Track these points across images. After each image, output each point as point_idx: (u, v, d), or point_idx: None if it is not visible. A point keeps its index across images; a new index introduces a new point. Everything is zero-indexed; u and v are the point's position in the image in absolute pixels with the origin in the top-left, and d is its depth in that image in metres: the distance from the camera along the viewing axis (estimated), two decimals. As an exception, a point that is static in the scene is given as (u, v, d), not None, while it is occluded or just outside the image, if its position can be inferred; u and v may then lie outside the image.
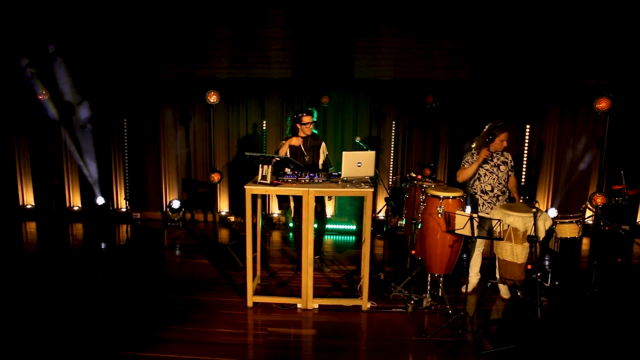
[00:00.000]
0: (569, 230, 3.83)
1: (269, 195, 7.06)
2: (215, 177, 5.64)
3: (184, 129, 7.11)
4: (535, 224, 3.38)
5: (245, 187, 4.05)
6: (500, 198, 4.23)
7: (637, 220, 6.00)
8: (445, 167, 6.85)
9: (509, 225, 3.62)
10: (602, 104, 3.99)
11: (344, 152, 3.99)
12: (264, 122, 6.94)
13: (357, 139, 4.79)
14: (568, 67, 6.43)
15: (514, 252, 3.66)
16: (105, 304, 4.29)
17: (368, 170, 4.08)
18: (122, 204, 7.32)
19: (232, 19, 6.72)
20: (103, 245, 6.10)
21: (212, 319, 4.03)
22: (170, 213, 6.95)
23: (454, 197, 3.90)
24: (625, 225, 5.66)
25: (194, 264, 5.39)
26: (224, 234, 6.68)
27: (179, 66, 6.90)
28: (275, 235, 6.67)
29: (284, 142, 4.87)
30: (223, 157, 7.13)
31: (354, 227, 6.82)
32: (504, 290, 4.46)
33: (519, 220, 3.58)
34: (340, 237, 6.64)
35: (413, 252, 4.04)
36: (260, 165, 4.11)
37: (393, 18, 6.63)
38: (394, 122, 6.74)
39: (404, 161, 6.93)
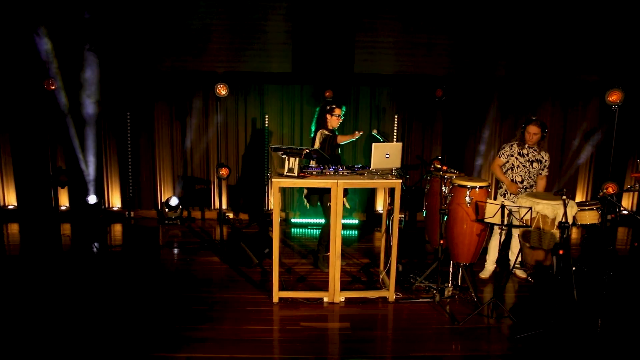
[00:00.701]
0: (589, 217, 3.98)
1: (268, 191, 6.98)
2: (224, 172, 5.51)
3: (179, 124, 6.90)
4: (565, 211, 3.48)
5: (272, 180, 3.96)
6: (527, 190, 4.42)
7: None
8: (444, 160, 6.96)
9: (537, 212, 3.72)
10: (614, 97, 4.17)
11: (374, 144, 3.98)
12: (267, 116, 6.83)
13: (374, 131, 4.80)
14: (563, 64, 6.67)
15: (541, 239, 3.76)
16: (122, 305, 4.10)
17: (395, 161, 4.09)
18: (114, 202, 7.03)
19: (231, 11, 6.57)
20: (103, 246, 5.84)
21: (241, 316, 3.92)
22: (167, 211, 6.72)
23: (481, 187, 3.97)
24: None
25: (203, 262, 5.24)
26: (207, 229, 6.54)
27: (174, 59, 6.68)
28: (278, 231, 6.59)
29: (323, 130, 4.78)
30: (215, 152, 6.95)
31: (355, 221, 6.82)
32: (519, 271, 4.67)
33: (548, 208, 3.68)
34: (343, 231, 6.60)
35: (442, 241, 4.07)
36: (287, 157, 4.04)
37: (393, 13, 6.66)
38: (396, 116, 6.79)
39: (405, 155, 6.99)
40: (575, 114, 6.86)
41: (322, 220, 6.48)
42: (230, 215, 7.02)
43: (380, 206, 7.18)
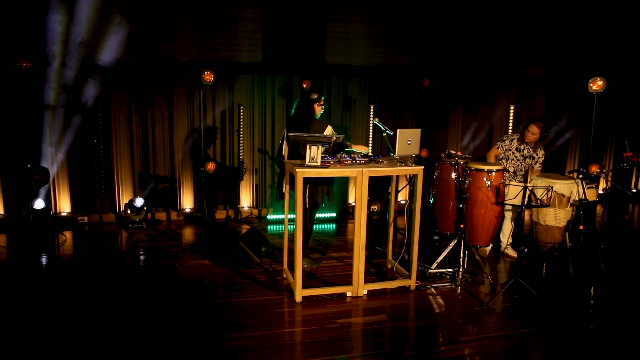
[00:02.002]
0: (588, 194, 4.29)
1: (239, 186, 6.60)
2: (211, 166, 5.05)
3: (139, 117, 6.23)
4: (583, 188, 3.71)
5: (296, 170, 3.71)
6: (516, 179, 4.66)
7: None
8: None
9: (554, 192, 3.92)
10: (596, 86, 4.52)
11: (398, 130, 3.91)
12: (242, 107, 6.42)
13: (376, 120, 4.72)
14: (515, 60, 7.14)
15: (557, 217, 3.98)
16: (132, 322, 3.58)
17: (415, 148, 4.06)
18: (63, 207, 6.15)
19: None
20: (71, 257, 5.07)
21: (269, 320, 3.63)
22: (130, 213, 6.04)
23: (497, 170, 4.08)
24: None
25: (193, 267, 4.78)
26: (188, 233, 6.03)
27: (133, 46, 6.00)
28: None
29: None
30: (184, 148, 6.42)
31: (333, 214, 6.71)
32: (511, 251, 4.90)
33: (564, 187, 3.90)
34: (320, 225, 6.47)
35: (462, 225, 4.12)
36: (308, 146, 3.81)
37: (362, 4, 6.64)
38: (371, 107, 6.78)
39: (376, 146, 7.03)
40: (527, 104, 7.40)
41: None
42: (200, 214, 6.51)
43: (352, 199, 7.14)
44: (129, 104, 6.15)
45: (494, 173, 4.06)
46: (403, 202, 7.16)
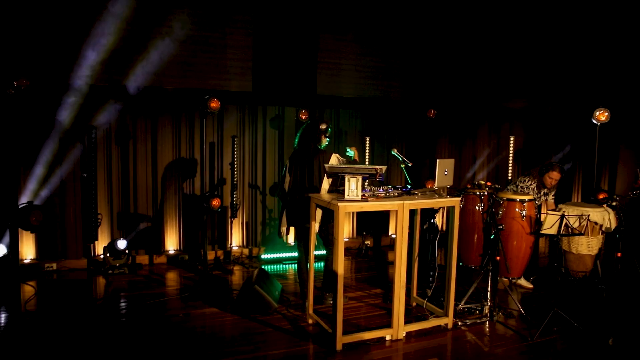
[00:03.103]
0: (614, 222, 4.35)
1: (230, 224, 6.11)
2: (216, 202, 4.60)
3: (118, 149, 5.64)
4: (619, 216, 3.73)
5: (338, 204, 3.40)
6: None
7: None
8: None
9: (587, 220, 3.91)
10: (603, 116, 4.70)
11: (438, 160, 3.74)
12: (236, 139, 6.01)
13: (394, 151, 4.55)
14: (494, 94, 7.40)
15: (589, 245, 3.97)
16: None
17: (450, 179, 3.92)
18: (26, 252, 5.32)
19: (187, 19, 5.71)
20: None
21: (316, 373, 3.22)
22: (109, 257, 5.34)
23: (529, 200, 4.03)
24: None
25: (200, 315, 4.24)
26: (176, 278, 5.43)
27: (111, 71, 5.48)
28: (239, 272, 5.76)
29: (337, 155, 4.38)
30: (168, 184, 5.88)
31: (322, 252, 6.35)
32: (524, 282, 4.81)
33: (598, 215, 3.90)
34: (316, 264, 6.08)
35: (497, 258, 3.98)
36: (347, 178, 3.54)
37: (353, 35, 6.61)
38: (367, 139, 6.63)
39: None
40: (506, 134, 7.65)
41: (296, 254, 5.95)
42: (187, 257, 5.92)
43: (345, 235, 6.86)
44: (108, 135, 5.56)
45: (526, 203, 4.00)
46: (394, 236, 6.99)
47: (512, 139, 6.41)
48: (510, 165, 6.47)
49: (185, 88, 5.82)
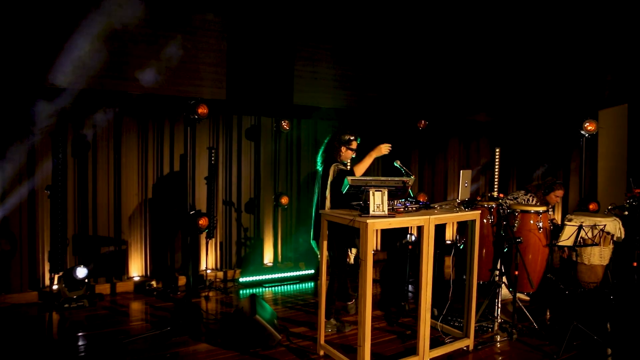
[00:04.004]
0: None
1: (207, 245, 5.50)
2: (203, 222, 4.04)
3: (75, 161, 4.88)
4: (630, 226, 3.72)
5: (367, 221, 3.04)
6: None
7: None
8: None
9: (600, 231, 3.88)
10: (591, 127, 4.79)
11: (462, 171, 3.52)
12: (213, 152, 5.43)
13: (397, 163, 4.30)
14: (461, 106, 7.47)
15: (602, 255, 3.93)
16: None
17: (468, 191, 3.71)
18: (-43, 288, 4.39)
19: (155, 18, 5.12)
20: None
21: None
22: (65, 287, 4.54)
23: (544, 211, 3.93)
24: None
25: (192, 353, 3.65)
26: (141, 309, 4.75)
27: (66, 73, 4.75)
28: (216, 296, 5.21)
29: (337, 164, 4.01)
30: (134, 200, 5.19)
31: (311, 271, 5.95)
32: (522, 295, 4.72)
33: (611, 224, 3.88)
34: (299, 285, 5.66)
35: (516, 272, 3.82)
36: (372, 192, 3.20)
37: (330, 44, 6.35)
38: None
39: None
40: (476, 147, 7.74)
41: (280, 275, 5.49)
42: (154, 283, 5.22)
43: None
44: (63, 145, 4.78)
45: (541, 214, 3.90)
46: (373, 252, 6.74)
47: (497, 150, 6.44)
48: (496, 177, 6.48)
49: (153, 94, 5.20)
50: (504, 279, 3.98)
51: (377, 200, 3.20)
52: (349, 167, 4.32)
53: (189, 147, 4.26)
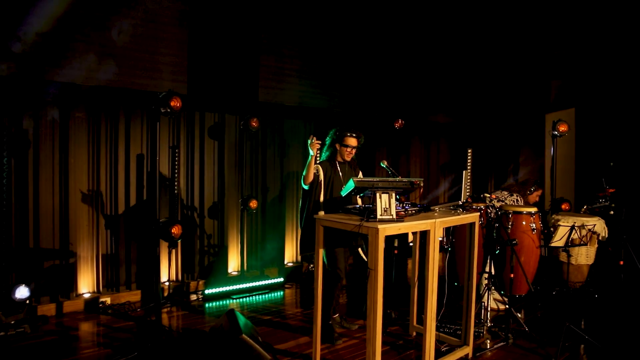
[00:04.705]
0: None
1: (172, 252, 4.96)
2: (176, 230, 3.56)
3: (12, 162, 4.16)
4: (615, 225, 3.77)
5: (377, 227, 2.77)
6: None
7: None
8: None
9: (588, 230, 3.89)
10: (563, 128, 4.88)
11: (465, 172, 3.35)
12: (177, 151, 4.88)
13: (384, 163, 4.08)
14: (420, 106, 7.46)
15: (588, 255, 3.95)
16: None
17: (465, 192, 3.56)
18: None
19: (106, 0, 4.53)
20: None
21: None
22: (0, 312, 3.83)
23: (536, 212, 3.88)
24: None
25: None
26: (89, 330, 4.16)
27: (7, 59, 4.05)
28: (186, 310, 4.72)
29: (319, 166, 3.70)
30: (83, 205, 4.55)
31: (279, 279, 5.57)
32: (498, 296, 4.69)
33: (599, 224, 3.90)
34: (269, 295, 5.28)
35: (512, 275, 3.72)
36: (378, 195, 2.93)
37: (297, 39, 6.02)
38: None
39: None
40: (436, 147, 7.77)
41: (248, 285, 5.09)
42: (109, 300, 4.60)
43: (288, 259, 6.13)
44: (-2, 143, 4.08)
45: (534, 215, 3.85)
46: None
47: (469, 151, 6.40)
48: (469, 178, 6.44)
49: (106, 87, 4.59)
50: (485, 281, 3.89)
51: (384, 203, 2.94)
52: (346, 168, 3.97)
53: (158, 146, 3.74)
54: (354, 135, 3.78)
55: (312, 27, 6.11)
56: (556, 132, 4.92)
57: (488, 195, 3.90)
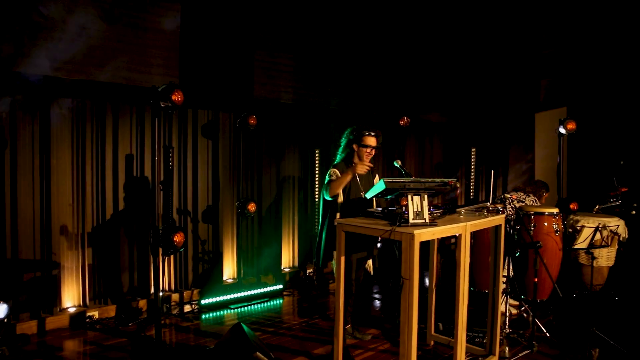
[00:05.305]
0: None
1: (164, 263, 4.59)
2: (179, 238, 3.22)
3: (-14, 164, 3.74)
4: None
5: (413, 232, 2.52)
6: None
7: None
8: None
9: (610, 231, 3.77)
10: (571, 125, 4.76)
11: (493, 171, 3.15)
12: (171, 150, 4.45)
13: (397, 163, 3.84)
14: (415, 104, 7.30)
15: (609, 256, 3.83)
16: None
17: (493, 193, 3.37)
18: None
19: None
20: None
21: None
22: (-24, 334, 3.41)
23: (558, 213, 3.73)
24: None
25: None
26: (77, 349, 3.77)
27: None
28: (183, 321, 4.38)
29: (336, 170, 3.42)
30: (67, 211, 4.14)
31: (278, 286, 5.26)
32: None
33: (621, 225, 3.78)
34: (269, 304, 4.99)
35: (536, 279, 3.55)
36: (410, 197, 2.69)
37: (291, 36, 5.74)
38: (317, 152, 5.75)
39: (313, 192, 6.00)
40: (430, 146, 7.62)
41: (246, 293, 4.79)
42: (96, 314, 4.20)
43: (285, 264, 5.83)
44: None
45: (557, 216, 3.68)
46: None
47: (473, 150, 6.28)
48: (472, 178, 6.32)
49: (91, 81, 4.20)
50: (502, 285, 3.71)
51: (416, 206, 2.70)
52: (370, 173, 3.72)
53: (157, 145, 3.41)
54: (372, 134, 3.52)
55: (308, 23, 5.84)
56: (563, 131, 4.80)
57: (509, 196, 3.73)
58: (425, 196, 2.73)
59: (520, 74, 7.85)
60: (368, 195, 2.98)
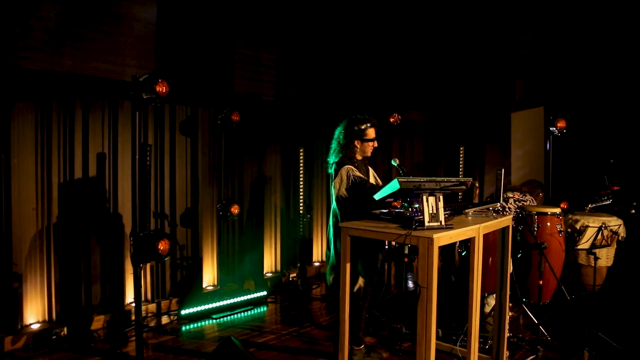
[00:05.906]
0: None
1: (140, 271, 4.20)
2: (163, 245, 2.90)
3: None
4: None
5: (432, 236, 2.31)
6: None
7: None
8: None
9: (610, 231, 3.70)
10: (561, 124, 4.72)
11: (503, 170, 2.98)
12: (149, 149, 4.08)
13: (395, 161, 3.65)
14: (397, 103, 7.17)
15: (608, 256, 3.77)
16: None
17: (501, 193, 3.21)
18: None
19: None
20: None
21: None
22: None
23: (560, 213, 3.62)
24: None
25: None
26: None
27: None
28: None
29: (350, 167, 3.15)
30: (31, 217, 3.70)
31: (262, 293, 4.97)
32: (493, 301, 4.47)
33: (621, 225, 3.72)
34: (253, 312, 4.70)
35: (540, 282, 3.42)
36: (425, 197, 2.48)
37: (275, 27, 5.46)
38: (301, 151, 5.48)
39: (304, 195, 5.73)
40: (411, 145, 7.52)
41: (228, 302, 4.50)
42: (64, 330, 3.78)
43: (268, 268, 5.54)
44: None
45: (559, 217, 3.58)
46: (317, 263, 6.05)
47: (462, 149, 6.16)
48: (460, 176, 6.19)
49: (57, 71, 3.79)
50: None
51: (431, 207, 2.50)
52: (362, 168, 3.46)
53: (137, 141, 3.06)
54: (373, 123, 3.27)
55: (291, 19, 5.58)
56: (554, 129, 4.75)
57: (511, 195, 3.60)
58: (441, 197, 2.53)
59: (496, 74, 7.87)
60: (377, 197, 2.75)
